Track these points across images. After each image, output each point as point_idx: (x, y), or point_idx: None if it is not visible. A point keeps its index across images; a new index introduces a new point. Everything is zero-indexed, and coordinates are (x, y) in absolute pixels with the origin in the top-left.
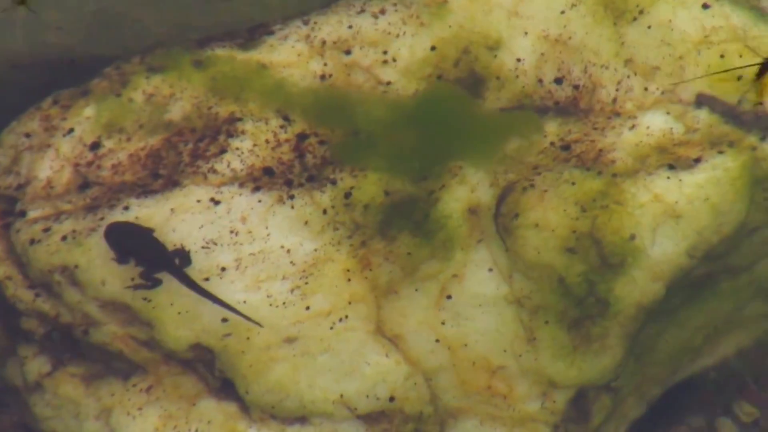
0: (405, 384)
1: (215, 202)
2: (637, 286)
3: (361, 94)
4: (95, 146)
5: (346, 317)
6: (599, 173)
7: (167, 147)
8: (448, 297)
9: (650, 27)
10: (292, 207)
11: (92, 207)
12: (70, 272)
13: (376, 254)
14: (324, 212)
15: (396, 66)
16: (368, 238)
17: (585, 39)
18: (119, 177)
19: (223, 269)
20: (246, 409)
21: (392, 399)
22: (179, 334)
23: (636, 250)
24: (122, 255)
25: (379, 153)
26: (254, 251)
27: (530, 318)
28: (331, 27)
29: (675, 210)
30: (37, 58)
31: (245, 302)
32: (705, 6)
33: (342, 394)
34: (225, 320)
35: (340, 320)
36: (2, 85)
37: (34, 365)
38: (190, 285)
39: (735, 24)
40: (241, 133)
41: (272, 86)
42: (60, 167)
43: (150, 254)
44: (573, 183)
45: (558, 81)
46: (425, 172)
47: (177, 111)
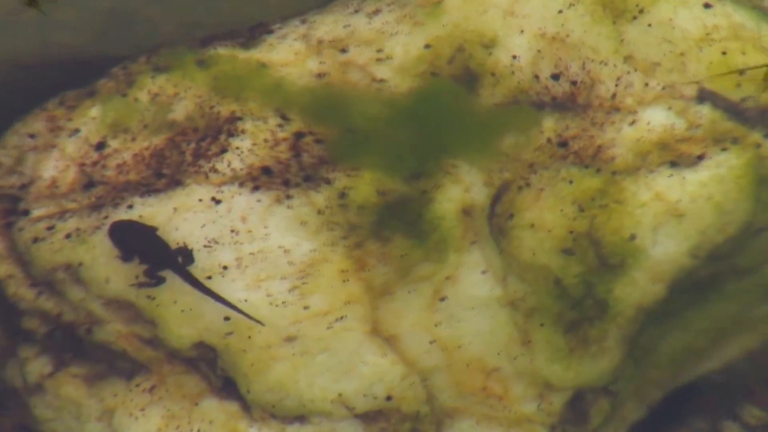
0: (401, 384)
1: (216, 202)
2: (638, 288)
3: (357, 92)
4: (101, 146)
5: (344, 317)
6: (598, 171)
7: (171, 146)
8: (442, 299)
9: (650, 25)
10: (290, 207)
11: (97, 206)
12: (74, 270)
13: (371, 255)
14: (320, 213)
15: (391, 64)
16: (363, 239)
17: (583, 37)
18: (124, 176)
19: (225, 268)
20: (247, 409)
21: (389, 398)
22: (182, 333)
23: (636, 251)
24: (126, 253)
25: (374, 150)
26: (254, 251)
27: (525, 320)
28: (328, 26)
29: (677, 209)
30: (46, 59)
31: (246, 301)
32: (707, 5)
33: (340, 394)
34: (227, 319)
35: (338, 320)
36: (8, 87)
37: (35, 366)
38: (193, 283)
39: (736, 22)
40: (241, 133)
41: (271, 85)
42: (65, 167)
43: (153, 252)
44: (570, 181)
45: (555, 77)
46: (420, 169)
47: (181, 110)
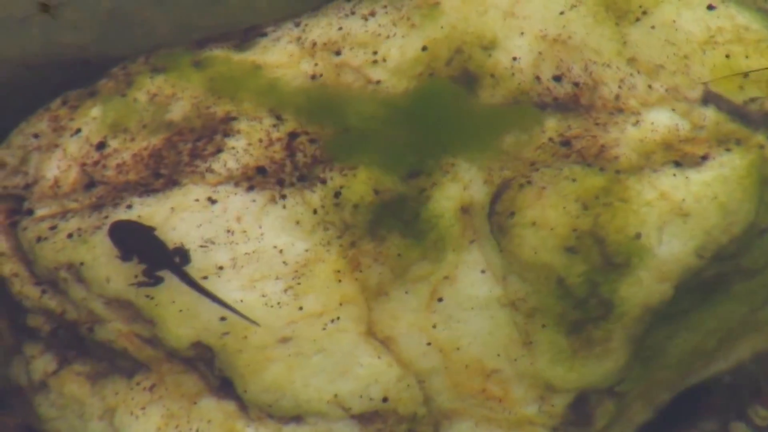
0: (398, 385)
1: (212, 201)
2: (643, 287)
3: (352, 92)
4: (101, 146)
5: (338, 318)
6: (602, 169)
7: (168, 146)
8: (440, 299)
9: (654, 27)
10: (284, 207)
11: (97, 206)
12: (76, 269)
13: (366, 255)
14: (314, 212)
15: (386, 65)
16: (358, 239)
17: (585, 39)
18: (123, 176)
19: (221, 268)
20: (244, 408)
21: (385, 399)
22: (180, 333)
23: (642, 250)
24: (126, 253)
25: (370, 149)
26: (249, 251)
27: (526, 321)
28: (322, 29)
29: (682, 208)
30: (51, 59)
31: (242, 301)
32: (710, 7)
33: (336, 394)
34: (223, 319)
35: (332, 321)
36: (14, 86)
37: (40, 364)
38: (190, 283)
39: (740, 24)
40: (237, 133)
41: (265, 86)
42: (67, 167)
43: (151, 252)
44: (573, 180)
45: (557, 78)
46: (417, 167)
47: (178, 111)
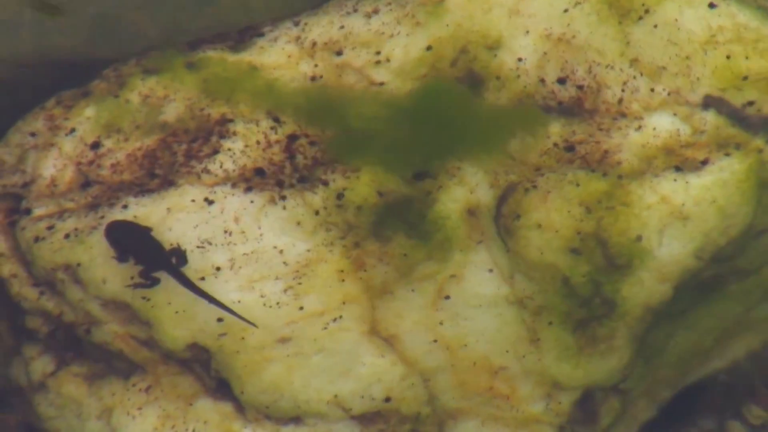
0: (401, 384)
1: (209, 202)
2: (645, 287)
3: (353, 93)
4: (95, 146)
5: (340, 317)
6: (604, 174)
7: (162, 147)
8: (446, 297)
9: (656, 26)
10: (284, 208)
11: (93, 205)
12: (73, 270)
13: (370, 255)
14: (316, 213)
15: (389, 66)
16: (361, 239)
17: (589, 38)
18: (118, 176)
19: (218, 269)
20: (241, 409)
21: (388, 399)
22: (176, 334)
23: (643, 252)
24: (122, 253)
25: (374, 150)
26: (247, 251)
27: (533, 319)
28: (322, 28)
29: (682, 212)
30: (43, 59)
31: (240, 302)
32: (711, 5)
33: (336, 395)
34: (220, 320)
35: (334, 320)
36: (11, 85)
37: (39, 365)
38: (186, 284)
39: (740, 23)
40: (233, 135)
41: (263, 88)
42: (63, 166)
43: (148, 253)
44: (577, 184)
45: (561, 81)
46: (422, 170)
47: (171, 112)
